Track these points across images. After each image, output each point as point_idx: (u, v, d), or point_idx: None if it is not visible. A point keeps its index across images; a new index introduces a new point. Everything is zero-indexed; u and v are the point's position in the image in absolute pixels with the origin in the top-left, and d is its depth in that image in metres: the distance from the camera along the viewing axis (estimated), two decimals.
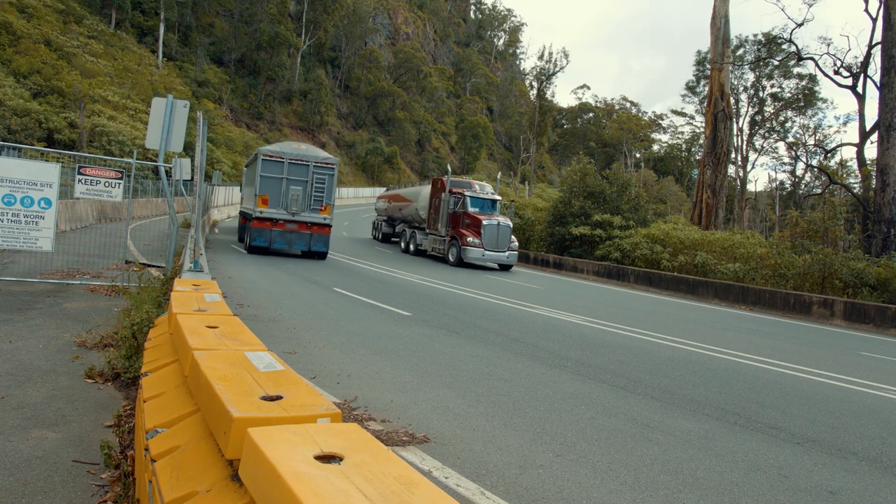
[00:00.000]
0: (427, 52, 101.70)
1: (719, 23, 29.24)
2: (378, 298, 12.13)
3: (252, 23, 66.55)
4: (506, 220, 23.23)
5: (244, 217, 21.74)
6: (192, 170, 11.30)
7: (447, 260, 23.37)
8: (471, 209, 23.35)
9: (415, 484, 1.69)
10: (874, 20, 30.30)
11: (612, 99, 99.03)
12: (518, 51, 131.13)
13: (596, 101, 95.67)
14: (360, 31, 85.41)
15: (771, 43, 41.07)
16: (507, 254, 23.12)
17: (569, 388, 6.44)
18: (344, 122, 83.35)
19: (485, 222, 22.45)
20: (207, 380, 2.39)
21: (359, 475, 1.66)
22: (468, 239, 22.37)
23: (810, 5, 50.29)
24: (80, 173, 10.13)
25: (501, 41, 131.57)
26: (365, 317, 10.02)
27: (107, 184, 10.27)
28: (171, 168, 11.65)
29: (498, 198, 24.76)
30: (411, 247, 26.78)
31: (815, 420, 6.24)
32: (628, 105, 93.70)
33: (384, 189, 40.09)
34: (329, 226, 19.71)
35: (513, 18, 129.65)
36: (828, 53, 46.96)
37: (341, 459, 1.78)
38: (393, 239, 32.96)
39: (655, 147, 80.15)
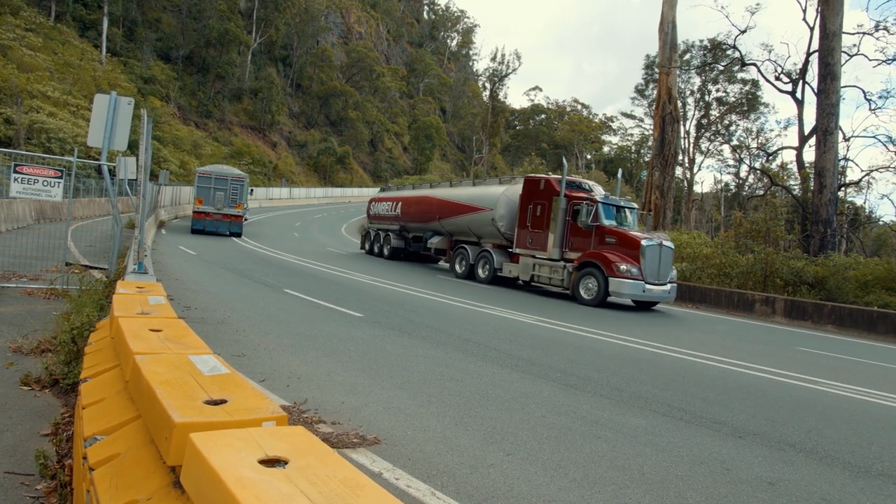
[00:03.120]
0: (380, 52, 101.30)
1: (667, 28, 29.95)
2: (329, 300, 12.01)
3: (201, 19, 65.15)
4: (667, 239, 17.07)
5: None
6: (137, 169, 11.00)
7: (576, 296, 16.48)
8: (606, 222, 16.73)
9: (360, 486, 1.68)
10: (812, 29, 31.50)
11: (564, 101, 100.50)
12: (471, 52, 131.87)
13: (548, 103, 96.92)
14: (312, 30, 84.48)
15: (716, 49, 42.29)
16: (668, 287, 16.57)
17: (520, 388, 6.50)
18: (296, 121, 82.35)
19: (644, 242, 15.84)
20: (149, 384, 2.33)
21: (304, 479, 1.64)
22: (620, 266, 15.55)
23: (753, 13, 52.17)
24: (16, 172, 9.74)
25: (455, 42, 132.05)
26: (316, 318, 9.91)
27: (45, 183, 9.90)
28: (114, 167, 11.31)
29: (635, 205, 18.30)
30: (482, 272, 19.51)
31: (755, 414, 6.45)
32: (580, 107, 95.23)
33: (379, 189, 31.79)
34: (241, 216, 29.39)
35: (466, 20, 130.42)
36: (769, 60, 48.55)
37: (286, 463, 1.76)
38: (424, 253, 24.51)
39: (606, 149, 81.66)
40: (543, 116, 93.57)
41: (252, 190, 47.52)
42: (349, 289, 14.56)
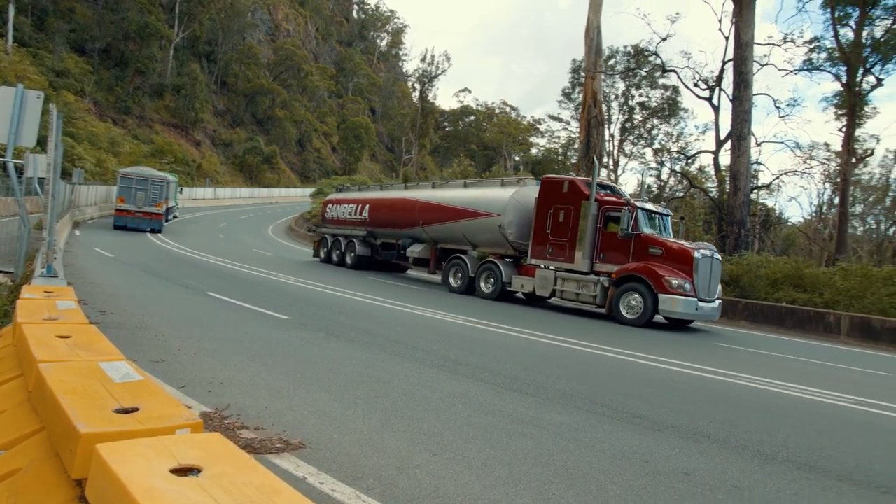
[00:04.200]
0: (309, 51, 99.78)
1: (593, 34, 30.74)
2: (254, 302, 11.75)
3: (118, 10, 62.36)
4: (714, 250, 15.38)
5: None
6: (47, 167, 10.45)
7: (616, 316, 14.55)
8: (646, 230, 14.91)
9: (277, 492, 1.65)
10: (727, 39, 33.06)
11: (493, 103, 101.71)
12: (401, 52, 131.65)
13: (477, 105, 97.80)
14: (238, 26, 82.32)
15: (639, 55, 43.75)
16: (717, 304, 15.06)
17: (447, 388, 6.54)
18: (221, 119, 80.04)
19: (696, 254, 14.18)
20: (53, 394, 2.22)
21: (217, 487, 1.60)
22: (671, 281, 13.79)
23: (673, 21, 54.54)
24: None
25: (384, 42, 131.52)
26: (240, 322, 9.68)
27: None
28: (22, 164, 10.71)
29: (670, 212, 16.76)
30: (485, 286, 17.28)
31: (674, 407, 6.71)
32: (508, 109, 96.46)
33: (335, 190, 28.88)
34: (161, 214, 31.10)
35: (396, 20, 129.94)
36: (688, 67, 50.81)
37: (200, 471, 1.71)
38: (396, 262, 22.67)
39: (534, 150, 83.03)
40: (473, 118, 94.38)
41: (181, 189, 46.02)
42: (273, 290, 14.28)
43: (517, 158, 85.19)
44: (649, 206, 15.65)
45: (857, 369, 11.37)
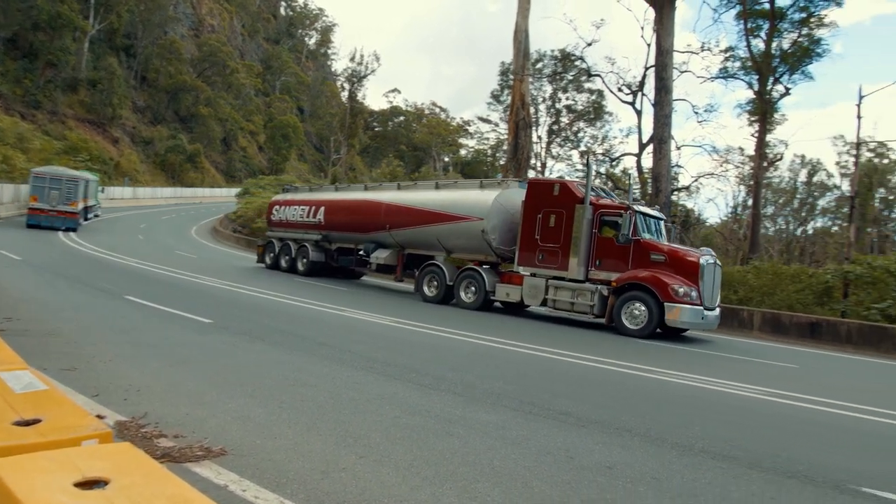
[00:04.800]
0: (234, 47, 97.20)
1: (521, 37, 31.19)
2: (176, 306, 11.34)
3: None
4: (716, 256, 14.83)
5: None
6: None
7: (618, 326, 13.74)
8: (646, 236, 14.34)
9: (189, 502, 1.60)
10: (648, 46, 34.25)
11: (423, 104, 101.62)
12: (330, 51, 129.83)
13: (407, 105, 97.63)
14: (159, 19, 79.28)
15: (566, 59, 44.71)
16: (718, 311, 14.53)
17: (374, 390, 6.50)
18: (141, 116, 76.93)
19: (702, 261, 13.65)
20: None
21: (125, 499, 1.54)
22: (678, 290, 13.12)
23: (598, 27, 55.70)
24: None
25: (313, 40, 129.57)
26: (160, 326, 9.33)
27: None
28: None
29: (664, 216, 16.36)
30: (466, 295, 16.15)
31: (598, 404, 6.90)
32: (438, 110, 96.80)
33: (282, 190, 26.93)
34: (76, 213, 30.94)
35: (325, 18, 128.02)
36: (612, 72, 51.94)
37: (106, 484, 1.64)
38: (354, 269, 21.74)
39: (463, 151, 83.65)
40: (402, 118, 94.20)
41: (102, 188, 43.92)
42: (197, 292, 13.84)
43: (446, 159, 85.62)
44: (646, 209, 15.11)
45: (769, 363, 11.98)
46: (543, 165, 51.90)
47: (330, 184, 44.24)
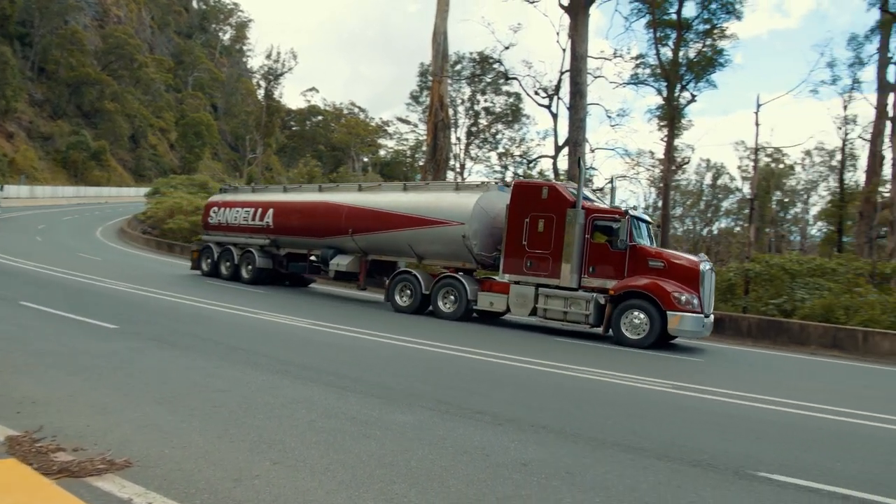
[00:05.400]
0: (143, 40, 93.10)
1: (440, 39, 31.34)
2: (78, 311, 10.74)
3: None
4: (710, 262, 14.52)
5: None
6: None
7: (618, 337, 13.21)
8: (641, 242, 13.85)
9: None
10: (564, 51, 35.12)
11: (342, 103, 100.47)
12: (245, 48, 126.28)
13: (325, 105, 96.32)
14: (58, 7, 74.87)
15: (484, 62, 45.25)
16: (712, 318, 13.99)
17: (290, 394, 6.37)
18: (39, 110, 72.48)
19: (702, 267, 13.34)
20: None
21: None
22: (680, 297, 12.69)
23: (515, 31, 56.87)
24: None
25: (227, 36, 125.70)
26: (60, 333, 8.81)
27: None
28: None
29: (651, 220, 15.93)
30: (445, 305, 15.28)
31: (514, 401, 7.01)
32: (357, 110, 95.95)
33: (219, 190, 25.09)
34: None
35: (240, 13, 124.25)
36: (529, 75, 53.03)
37: None
38: (307, 276, 20.51)
39: (382, 152, 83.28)
40: (320, 118, 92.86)
41: (2, 187, 40.98)
42: (104, 299, 13.17)
43: (365, 160, 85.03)
44: (639, 214, 14.66)
45: (675, 357, 12.50)
46: (462, 167, 52.41)
47: (246, 184, 42.99)
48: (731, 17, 34.72)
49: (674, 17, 35.21)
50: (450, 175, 41.00)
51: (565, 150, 31.54)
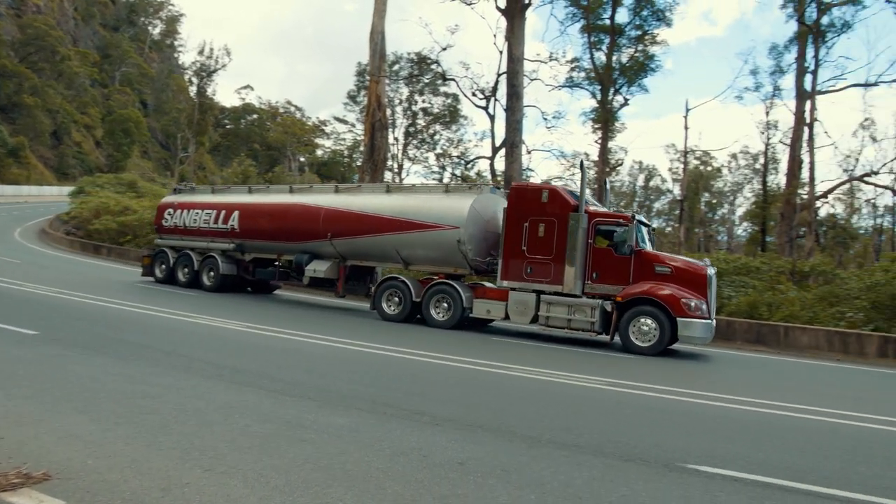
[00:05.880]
0: (66, 32, 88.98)
1: (377, 38, 31.17)
2: None
3: None
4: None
5: None
6: None
7: (626, 344, 12.91)
8: (646, 247, 13.74)
9: None
10: (501, 54, 35.52)
11: (278, 102, 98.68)
12: (176, 43, 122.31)
13: (261, 103, 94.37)
14: None
15: (422, 62, 45.31)
16: (714, 322, 13.52)
17: (223, 399, 6.20)
18: None
19: (709, 272, 13.19)
20: None
21: None
22: (689, 303, 12.49)
23: (453, 32, 57.16)
24: None
25: (157, 30, 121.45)
26: None
27: None
28: None
29: (651, 223, 15.45)
30: (437, 313, 14.68)
31: (453, 401, 7.03)
32: (293, 109, 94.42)
33: (173, 191, 23.07)
34: None
35: (171, 7, 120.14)
36: (467, 77, 53.71)
37: None
38: (274, 283, 19.58)
39: (319, 152, 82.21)
40: (256, 116, 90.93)
41: None
42: (23, 303, 12.52)
43: (302, 159, 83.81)
44: (642, 218, 14.32)
45: (606, 354, 12.80)
46: (400, 167, 52.38)
47: (178, 183, 41.61)
48: (662, 24, 35.99)
49: (607, 22, 36.18)
50: (388, 175, 40.84)
51: (502, 152, 31.90)
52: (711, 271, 13.33)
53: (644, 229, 14.01)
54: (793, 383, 11.42)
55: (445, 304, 14.64)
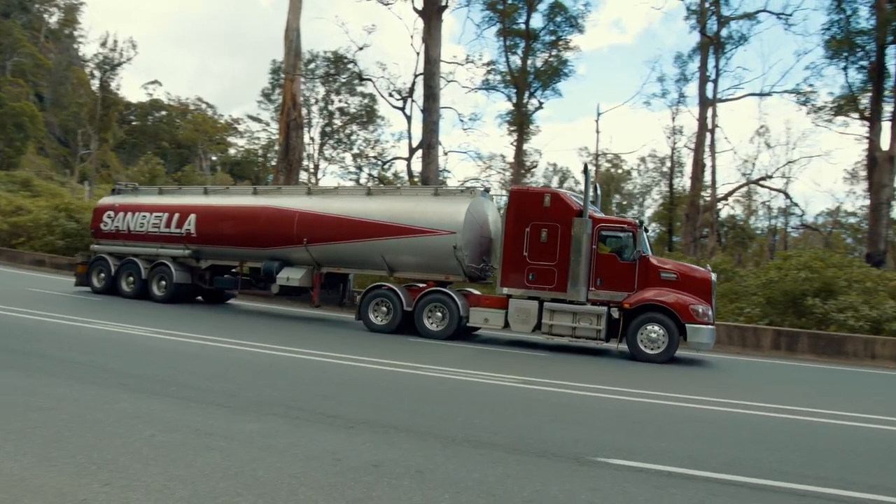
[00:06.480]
0: None
1: (292, 36, 30.56)
2: None
3: None
4: None
5: None
6: None
7: (634, 352, 12.83)
8: (649, 252, 13.67)
9: None
10: (418, 54, 35.60)
11: (188, 98, 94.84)
12: (77, 33, 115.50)
13: (170, 99, 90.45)
14: None
15: (338, 61, 44.84)
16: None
17: (126, 408, 5.90)
18: None
19: (713, 278, 13.29)
20: None
21: None
22: (697, 309, 12.51)
23: (369, 32, 56.80)
24: None
25: (55, 18, 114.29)
26: None
27: None
28: None
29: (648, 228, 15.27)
30: (432, 323, 14.11)
31: (368, 404, 6.97)
32: (205, 106, 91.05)
33: (111, 192, 20.57)
34: None
35: None
36: (384, 77, 53.22)
37: None
38: (230, 292, 18.53)
39: (233, 151, 79.82)
40: (164, 113, 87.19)
41: None
42: None
43: (214, 158, 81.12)
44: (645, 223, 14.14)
45: (521, 353, 13.06)
46: (316, 167, 51.64)
47: (79, 182, 39.34)
48: (575, 30, 37.09)
49: (523, 27, 36.93)
50: (303, 176, 40.16)
51: (419, 153, 32.00)
52: (714, 277, 13.41)
53: (643, 234, 13.84)
54: (697, 377, 11.96)
55: (440, 314, 14.06)
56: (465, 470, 4.78)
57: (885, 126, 27.16)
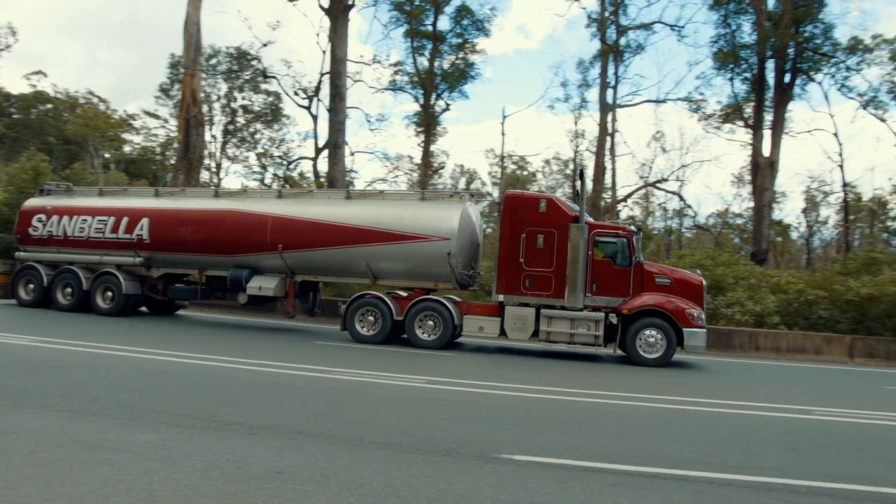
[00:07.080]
0: None
1: (192, 29, 29.33)
2: None
3: None
4: None
5: None
6: None
7: (633, 357, 12.91)
8: (643, 258, 13.80)
9: None
10: (324, 53, 35.09)
11: (77, 91, 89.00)
12: None
13: (56, 92, 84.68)
14: None
15: (241, 57, 43.49)
16: None
17: (1, 425, 5.47)
18: None
19: (704, 282, 13.56)
20: None
21: None
22: (692, 313, 12.72)
23: (274, 28, 55.20)
24: None
25: None
26: None
27: None
28: None
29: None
30: (423, 333, 13.65)
31: (270, 409, 6.78)
32: (96, 100, 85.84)
33: (38, 192, 18.41)
34: None
35: None
36: (289, 75, 52.20)
37: None
38: (180, 302, 17.39)
39: (128, 148, 75.63)
40: (51, 106, 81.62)
41: None
42: None
43: (107, 156, 76.81)
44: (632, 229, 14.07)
45: (432, 353, 13.11)
46: (219, 166, 49.90)
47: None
48: (481, 33, 37.58)
49: (430, 28, 37.06)
50: (205, 175, 38.73)
51: (326, 153, 31.54)
52: (704, 281, 13.73)
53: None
54: (607, 375, 12.36)
55: (431, 323, 13.66)
56: (371, 472, 4.73)
57: (767, 134, 29.17)
